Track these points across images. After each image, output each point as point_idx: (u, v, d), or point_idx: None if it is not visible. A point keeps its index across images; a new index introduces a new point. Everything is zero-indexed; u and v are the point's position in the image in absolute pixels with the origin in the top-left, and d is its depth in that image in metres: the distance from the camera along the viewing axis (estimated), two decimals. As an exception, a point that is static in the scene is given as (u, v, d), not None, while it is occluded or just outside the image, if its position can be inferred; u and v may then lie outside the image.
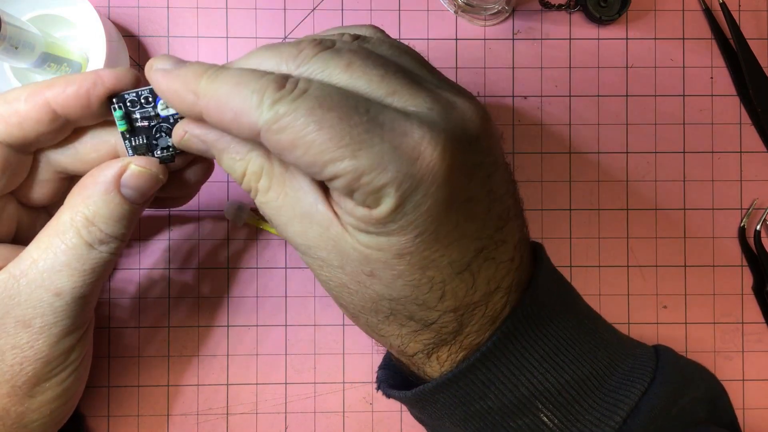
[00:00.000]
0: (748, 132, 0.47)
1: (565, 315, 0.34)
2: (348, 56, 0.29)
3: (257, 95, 0.27)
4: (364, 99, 0.28)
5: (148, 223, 0.46)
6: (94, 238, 0.33)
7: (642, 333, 0.47)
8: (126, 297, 0.46)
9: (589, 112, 0.47)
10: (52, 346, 0.34)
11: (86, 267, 0.33)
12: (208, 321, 0.46)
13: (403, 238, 0.29)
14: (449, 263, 0.30)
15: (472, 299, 0.31)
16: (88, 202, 0.33)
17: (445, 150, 0.28)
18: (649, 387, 0.34)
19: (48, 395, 0.35)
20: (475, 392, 0.33)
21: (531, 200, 0.47)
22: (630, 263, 0.47)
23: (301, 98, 0.27)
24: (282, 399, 0.46)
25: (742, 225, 0.47)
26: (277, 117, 0.27)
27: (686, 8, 0.47)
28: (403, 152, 0.27)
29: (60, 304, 0.33)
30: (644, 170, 0.47)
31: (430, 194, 0.28)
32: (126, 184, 0.33)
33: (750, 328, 0.47)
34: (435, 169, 0.27)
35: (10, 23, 0.36)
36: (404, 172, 0.27)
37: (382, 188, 0.27)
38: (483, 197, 0.30)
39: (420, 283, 0.30)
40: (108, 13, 0.46)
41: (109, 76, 0.32)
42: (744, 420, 0.47)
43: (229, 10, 0.47)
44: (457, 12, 0.47)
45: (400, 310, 0.31)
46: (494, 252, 0.31)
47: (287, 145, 0.27)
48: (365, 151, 0.27)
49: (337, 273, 0.31)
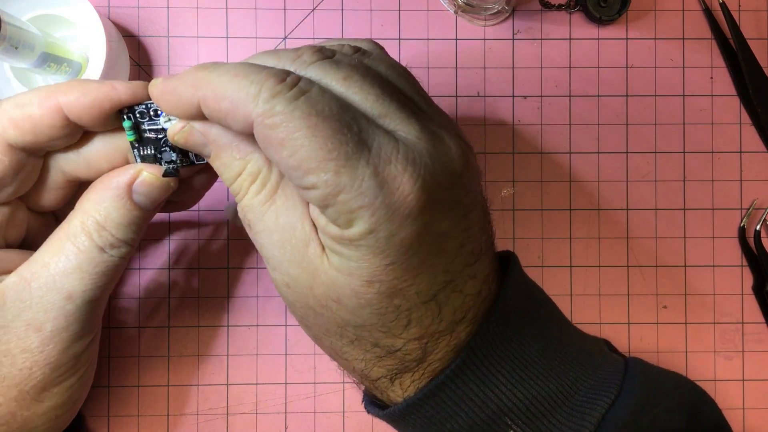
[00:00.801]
0: (748, 132, 0.47)
1: (531, 331, 0.35)
2: (346, 69, 0.29)
3: (255, 86, 0.27)
4: (359, 116, 0.28)
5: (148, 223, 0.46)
6: (105, 242, 0.33)
7: (642, 333, 0.47)
8: (126, 297, 0.46)
9: (589, 112, 0.47)
10: (62, 352, 0.34)
11: (97, 270, 0.33)
12: (208, 321, 0.46)
13: (373, 265, 0.29)
14: (416, 293, 0.30)
15: (438, 328, 0.32)
16: (100, 207, 0.33)
17: (424, 186, 0.28)
18: (615, 399, 0.34)
19: (55, 401, 0.35)
20: (446, 411, 0.33)
21: (531, 200, 0.47)
22: (630, 263, 0.47)
23: (300, 99, 0.27)
24: (282, 399, 0.46)
25: (742, 225, 0.47)
26: (273, 112, 0.27)
27: (686, 8, 0.47)
28: (383, 180, 0.27)
29: (71, 307, 0.33)
30: (644, 170, 0.47)
31: (403, 226, 0.28)
32: (137, 190, 0.33)
33: (750, 328, 0.47)
34: (411, 203, 0.28)
35: (10, 23, 0.36)
36: (381, 201, 0.27)
37: (357, 211, 0.27)
38: (457, 234, 0.30)
39: (386, 311, 0.30)
40: (108, 13, 0.46)
41: (125, 89, 0.32)
42: (744, 420, 0.47)
43: (229, 10, 0.47)
44: (457, 12, 0.47)
45: (365, 337, 0.32)
46: (462, 285, 0.32)
47: (276, 143, 0.27)
48: (348, 170, 0.27)
49: (305, 293, 0.31)
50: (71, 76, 0.42)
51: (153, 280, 0.46)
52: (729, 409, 0.47)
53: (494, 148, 0.47)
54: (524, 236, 0.47)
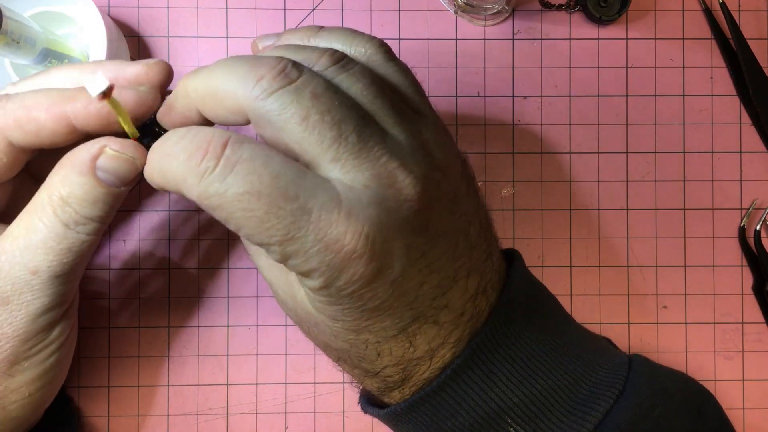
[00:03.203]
0: (748, 132, 0.47)
1: (533, 329, 0.35)
2: (307, 104, 0.28)
3: (186, 166, 0.28)
4: (295, 181, 0.28)
5: (148, 222, 0.46)
6: (69, 219, 0.32)
7: (642, 333, 0.47)
8: (126, 297, 0.46)
9: (589, 112, 0.47)
10: (30, 324, 0.33)
11: (62, 246, 0.32)
12: (208, 321, 0.46)
13: (332, 307, 0.30)
14: (382, 328, 0.31)
15: (413, 356, 0.32)
16: (65, 182, 0.32)
17: (367, 240, 0.28)
18: (617, 400, 0.34)
19: (27, 375, 0.35)
20: (447, 410, 0.33)
21: (531, 200, 0.47)
22: (630, 263, 0.47)
23: (231, 176, 0.27)
24: (282, 399, 0.46)
25: (742, 225, 0.47)
26: (207, 195, 0.28)
27: (686, 8, 0.47)
28: (326, 245, 0.28)
29: (37, 282, 0.33)
30: (644, 170, 0.47)
31: (352, 281, 0.28)
32: (101, 167, 0.32)
33: (750, 328, 0.47)
34: (356, 260, 0.28)
35: (11, 18, 0.36)
36: (327, 263, 0.28)
37: (309, 273, 0.28)
38: (413, 275, 0.30)
39: (356, 343, 0.32)
40: (108, 12, 0.46)
41: (135, 102, 0.32)
42: (744, 420, 0.47)
43: (229, 10, 0.47)
44: (457, 12, 0.47)
45: (345, 359, 0.34)
46: (435, 317, 0.32)
47: (221, 218, 0.28)
48: (291, 242, 0.28)
49: (297, 312, 0.33)
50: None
51: (153, 279, 0.46)
52: (729, 409, 0.47)
53: (494, 148, 0.47)
54: (524, 236, 0.47)
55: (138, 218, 0.46)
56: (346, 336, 0.32)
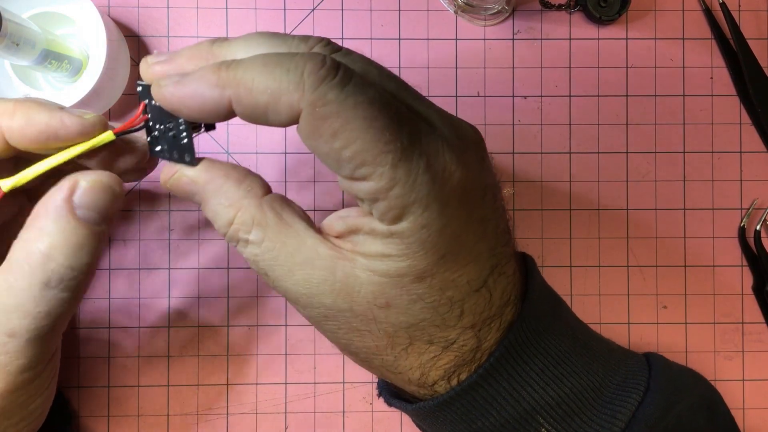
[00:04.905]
0: (748, 132, 0.47)
1: (558, 327, 0.34)
2: (360, 60, 0.28)
3: (295, 74, 0.26)
4: (405, 105, 0.27)
5: (148, 222, 0.46)
6: (51, 276, 0.29)
7: (642, 333, 0.47)
8: (126, 297, 0.46)
9: (589, 112, 0.47)
10: (9, 384, 0.31)
11: (40, 309, 0.29)
12: (208, 321, 0.46)
13: (425, 260, 0.28)
14: (467, 282, 0.30)
15: (489, 313, 0.31)
16: (41, 234, 0.29)
17: (466, 171, 0.27)
18: (644, 396, 0.34)
19: (14, 420, 0.33)
20: (478, 409, 0.32)
21: (531, 200, 0.47)
22: (630, 263, 0.47)
23: (350, 85, 0.26)
24: (282, 399, 0.46)
25: (742, 225, 0.47)
26: (325, 101, 0.25)
27: (686, 8, 0.47)
28: (435, 173, 0.27)
29: (13, 344, 0.30)
30: (644, 170, 0.47)
31: (454, 217, 0.28)
32: (79, 204, 0.29)
33: (750, 328, 0.47)
34: (459, 191, 0.27)
35: (10, 20, 0.36)
36: (434, 194, 0.27)
37: (411, 206, 0.27)
38: (493, 216, 0.30)
39: (439, 304, 0.30)
40: (108, 12, 0.46)
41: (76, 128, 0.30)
42: (744, 420, 0.47)
43: (229, 10, 0.47)
44: (457, 12, 0.47)
45: (419, 336, 0.31)
46: (505, 267, 0.32)
47: (327, 133, 0.26)
48: (405, 163, 0.26)
49: (346, 317, 0.30)
50: (72, 73, 0.42)
51: (153, 280, 0.46)
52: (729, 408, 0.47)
53: (494, 148, 0.47)
54: (524, 236, 0.47)
55: (138, 218, 0.46)
56: (430, 297, 0.29)
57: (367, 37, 0.47)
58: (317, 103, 0.25)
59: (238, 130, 0.46)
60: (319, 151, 0.27)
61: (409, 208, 0.27)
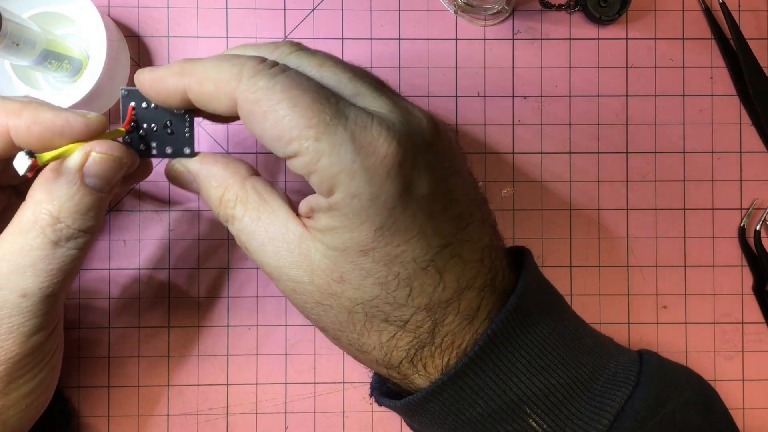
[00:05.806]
0: (748, 132, 0.47)
1: (549, 319, 0.35)
2: (321, 57, 0.32)
3: (237, 67, 0.30)
4: (333, 92, 0.30)
5: (148, 222, 0.46)
6: (60, 236, 0.32)
7: (642, 333, 0.47)
8: (126, 297, 0.46)
9: (589, 112, 0.47)
10: (22, 345, 0.33)
11: (52, 267, 0.32)
12: (208, 321, 0.46)
13: (363, 231, 0.30)
14: (413, 258, 0.31)
15: (442, 297, 0.32)
16: (52, 197, 0.32)
17: (399, 146, 0.30)
18: (633, 391, 0.34)
19: (22, 390, 0.35)
20: (465, 399, 0.33)
21: (531, 200, 0.47)
22: (630, 263, 0.47)
23: (280, 75, 0.30)
24: (282, 399, 0.46)
25: (742, 225, 0.47)
26: (256, 88, 0.29)
27: (686, 8, 0.47)
28: (360, 144, 0.29)
29: (27, 304, 0.32)
30: (644, 170, 0.47)
31: (384, 187, 0.29)
32: (89, 173, 0.32)
33: (750, 328, 0.47)
34: (389, 164, 0.29)
35: (10, 20, 0.36)
36: (359, 164, 0.29)
37: (338, 175, 0.29)
38: (439, 196, 0.31)
39: (387, 280, 0.31)
40: (108, 12, 0.46)
41: (81, 126, 0.32)
42: (744, 420, 0.47)
43: (229, 10, 0.47)
44: (457, 12, 0.47)
45: (375, 314, 0.32)
46: (459, 249, 0.32)
47: (259, 115, 0.30)
48: (328, 136, 0.29)
49: (309, 289, 0.32)
50: (72, 73, 0.42)
51: (153, 280, 0.46)
52: (729, 408, 0.46)
53: (494, 148, 0.47)
54: (524, 236, 0.47)
55: (138, 218, 0.46)
56: (377, 272, 0.31)
57: (367, 37, 0.47)
58: (250, 89, 0.30)
59: (239, 130, 0.46)
60: (256, 134, 0.30)
61: (338, 178, 0.29)
